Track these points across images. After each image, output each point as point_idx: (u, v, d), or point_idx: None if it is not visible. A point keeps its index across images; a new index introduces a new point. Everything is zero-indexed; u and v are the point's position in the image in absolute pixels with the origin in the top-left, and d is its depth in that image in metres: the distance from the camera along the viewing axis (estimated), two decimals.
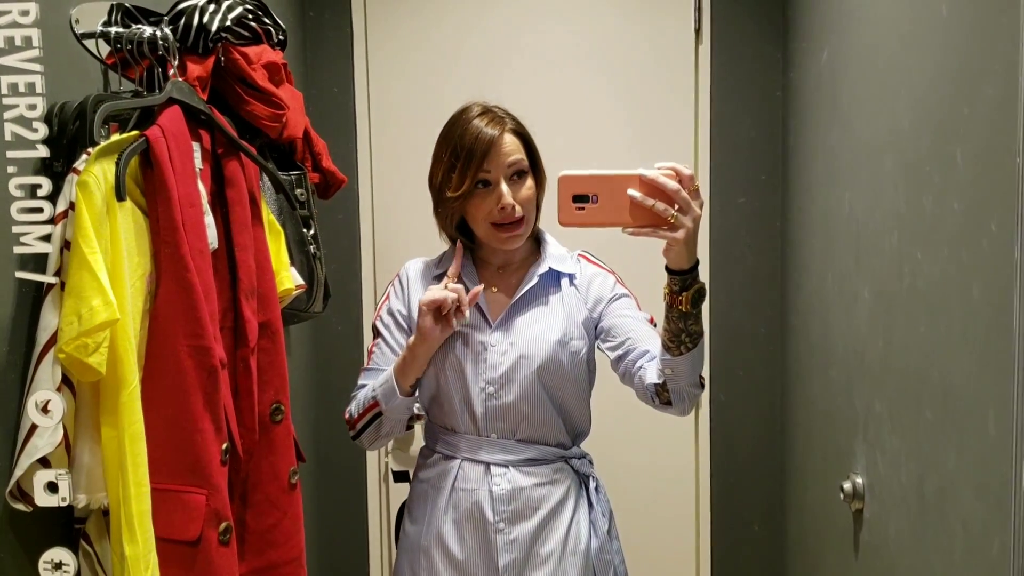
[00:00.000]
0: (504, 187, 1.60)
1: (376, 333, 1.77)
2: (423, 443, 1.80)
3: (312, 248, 1.76)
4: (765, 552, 2.38)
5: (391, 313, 1.76)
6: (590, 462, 1.78)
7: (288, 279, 1.59)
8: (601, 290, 1.71)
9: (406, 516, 1.80)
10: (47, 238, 1.10)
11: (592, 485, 1.74)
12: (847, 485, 1.67)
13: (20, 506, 1.09)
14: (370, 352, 1.77)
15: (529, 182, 1.63)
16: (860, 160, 1.69)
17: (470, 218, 1.65)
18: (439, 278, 1.73)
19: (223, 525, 1.27)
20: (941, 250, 1.28)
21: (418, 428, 1.86)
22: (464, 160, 1.59)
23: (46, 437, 1.07)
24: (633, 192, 1.32)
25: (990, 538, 1.12)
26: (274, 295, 1.50)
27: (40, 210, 1.10)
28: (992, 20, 1.11)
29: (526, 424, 1.68)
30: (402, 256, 2.39)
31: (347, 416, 1.71)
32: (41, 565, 1.09)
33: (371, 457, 2.45)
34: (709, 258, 2.35)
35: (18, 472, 1.07)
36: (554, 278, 1.72)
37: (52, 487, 1.04)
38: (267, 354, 1.48)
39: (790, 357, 2.27)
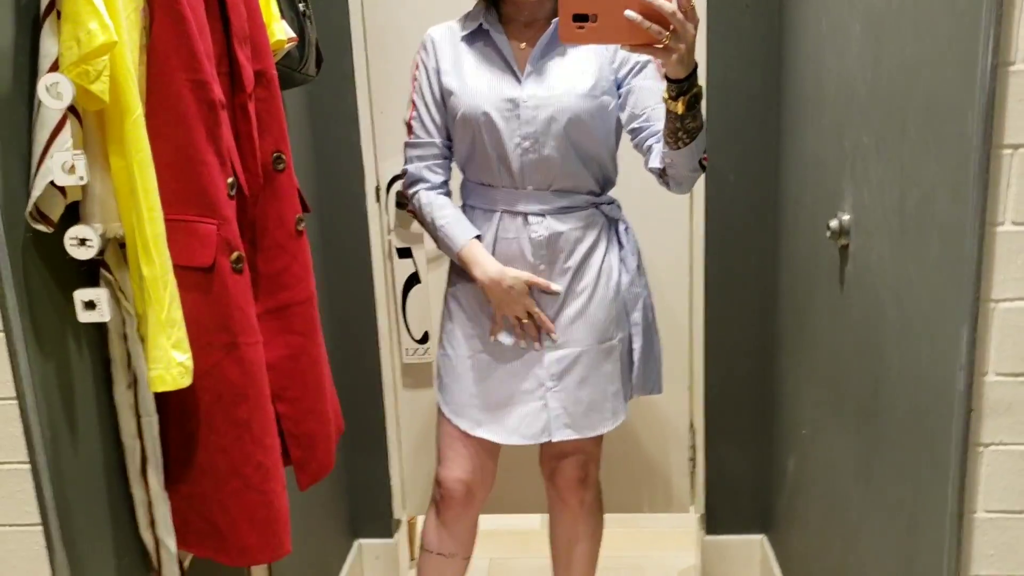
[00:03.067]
0: None
1: (412, 104, 1.89)
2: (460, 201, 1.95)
3: (301, 6, 1.75)
4: (758, 303, 2.47)
5: (423, 83, 1.83)
6: (619, 207, 1.92)
7: (280, 31, 1.60)
8: (628, 52, 1.75)
9: (452, 272, 1.92)
10: None
11: (621, 227, 1.88)
12: (833, 223, 1.73)
13: (41, 227, 1.14)
14: (409, 124, 1.87)
15: None
16: None
17: None
18: (467, 39, 1.81)
19: (235, 254, 1.33)
20: None
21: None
22: None
23: (57, 157, 1.10)
24: (630, 13, 1.37)
25: (961, 235, 1.18)
26: (266, 44, 1.51)
27: None
28: None
29: (560, 175, 1.80)
30: (394, 32, 2.41)
31: (407, 195, 1.93)
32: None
33: (374, 233, 2.51)
34: (707, 20, 2.32)
35: (36, 192, 1.12)
36: None
37: (70, 168, 1.08)
38: (264, 103, 1.50)
39: (785, 114, 2.29)
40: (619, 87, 1.82)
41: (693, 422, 2.60)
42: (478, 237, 1.84)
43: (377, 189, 2.51)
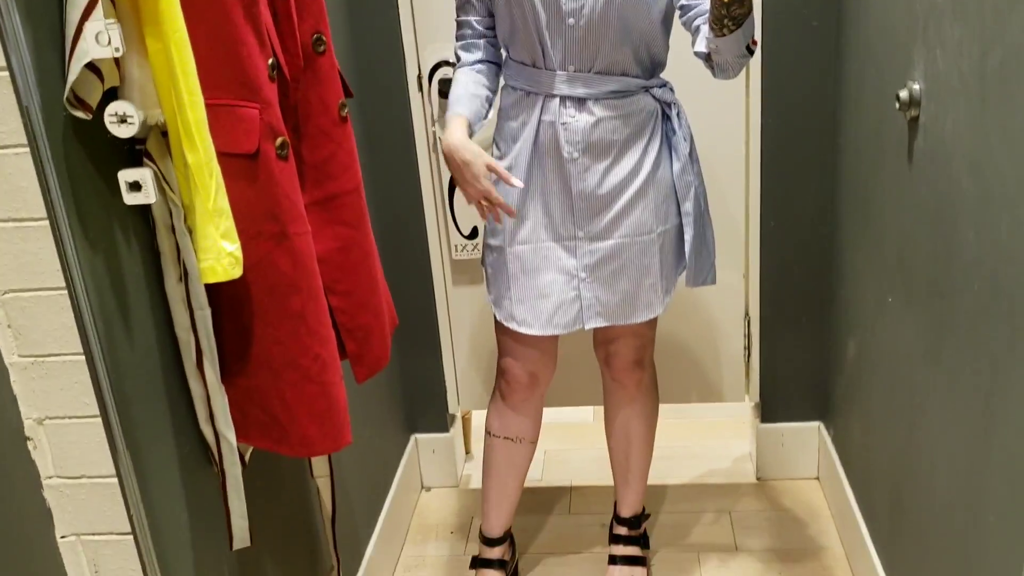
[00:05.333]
0: None
1: None
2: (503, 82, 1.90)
3: None
4: (818, 184, 2.38)
5: None
6: (671, 89, 1.84)
7: None
8: None
9: (493, 149, 1.88)
10: None
11: (673, 111, 1.81)
12: (903, 93, 1.63)
13: (80, 113, 1.10)
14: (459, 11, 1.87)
15: None
16: None
17: None
18: None
19: (279, 140, 1.28)
20: None
21: None
22: None
23: (91, 27, 1.05)
24: None
25: None
26: None
27: None
28: None
29: (605, 55, 1.73)
30: None
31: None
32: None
33: (418, 126, 2.45)
34: None
35: (72, 77, 1.07)
36: None
37: (105, 40, 1.04)
38: None
39: None
40: None
41: (748, 310, 2.55)
42: (466, 118, 1.79)
43: (419, 78, 2.43)
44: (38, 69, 1.05)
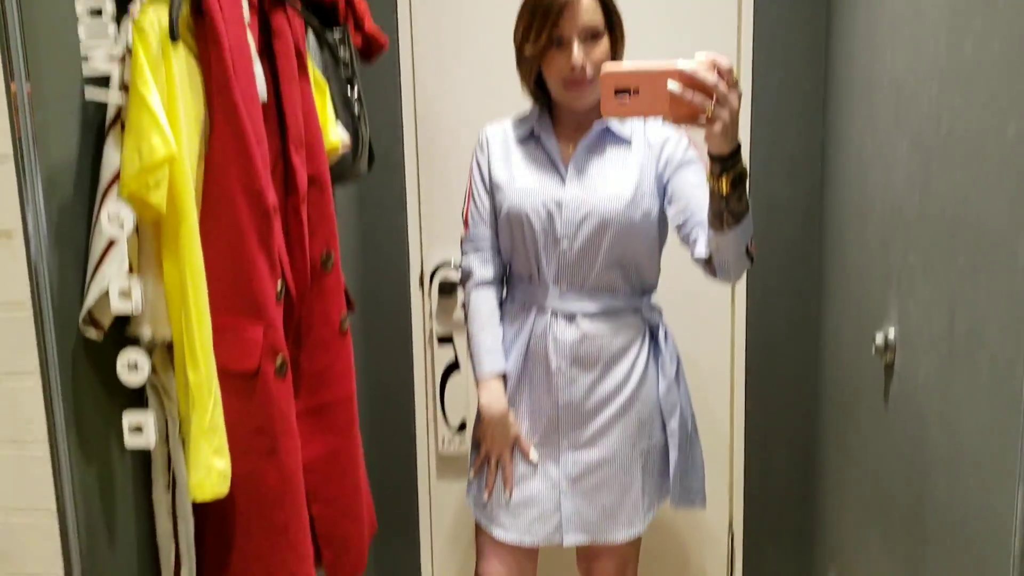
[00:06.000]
0: (576, 47, 1.69)
1: (467, 199, 1.94)
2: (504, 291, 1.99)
3: (356, 107, 1.80)
4: (799, 410, 2.44)
5: (476, 179, 1.92)
6: (659, 312, 1.90)
7: (334, 135, 1.63)
8: (673, 152, 1.79)
9: None
10: (111, 58, 1.15)
11: (661, 332, 1.87)
12: (879, 338, 1.71)
13: (92, 333, 1.17)
14: (466, 217, 1.91)
15: (604, 44, 1.71)
16: (902, 16, 1.68)
17: (545, 75, 1.76)
18: (519, 140, 1.86)
19: (279, 359, 1.34)
20: (980, 95, 1.29)
21: None
22: (540, 19, 1.69)
23: (115, 265, 1.13)
24: (672, 85, 1.34)
25: (1013, 369, 1.16)
26: (321, 148, 1.55)
27: (104, 28, 1.15)
28: None
29: (596, 277, 1.81)
30: (444, 124, 2.46)
31: (462, 285, 1.96)
32: (119, 365, 1.18)
33: (416, 321, 2.53)
34: (750, 132, 2.34)
35: (90, 300, 1.14)
36: (626, 138, 1.82)
37: (125, 295, 1.11)
38: (316, 205, 1.53)
39: (827, 223, 2.28)
40: (665, 185, 1.83)
41: (732, 526, 2.55)
42: (504, 375, 1.87)
43: (421, 276, 2.53)
44: (58, 290, 1.12)
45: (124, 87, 1.17)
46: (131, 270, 1.18)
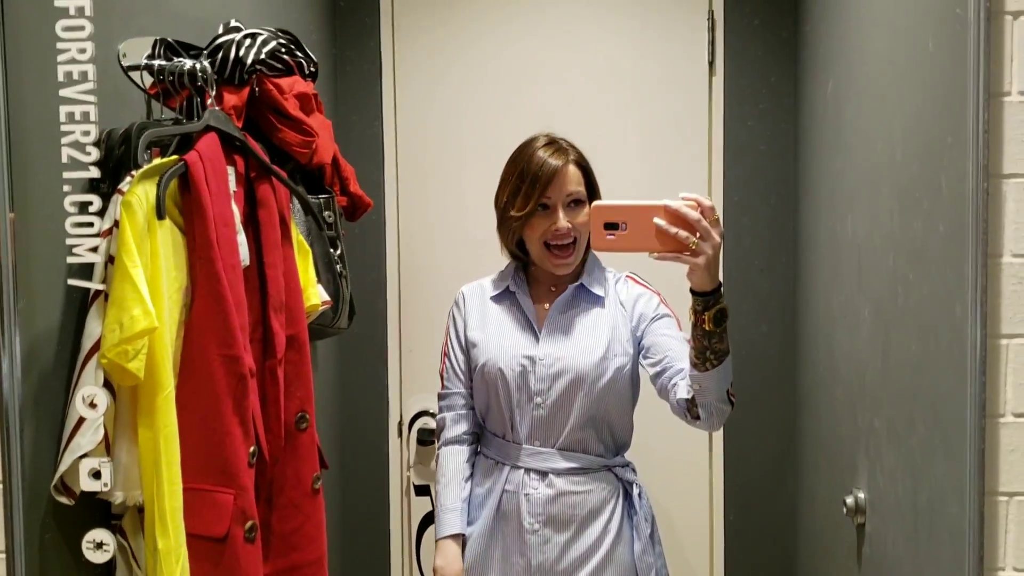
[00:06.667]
0: (561, 212, 1.78)
1: (443, 356, 1.97)
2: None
3: (338, 267, 1.86)
4: (776, 570, 2.42)
5: (452, 338, 1.96)
6: (633, 470, 1.92)
7: (315, 295, 1.68)
8: (645, 309, 1.85)
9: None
10: (95, 250, 1.20)
11: (635, 492, 1.86)
12: (850, 500, 1.72)
13: (64, 499, 1.18)
14: (441, 375, 1.95)
15: (585, 210, 1.81)
16: (861, 185, 1.76)
17: (527, 237, 1.83)
18: (495, 298, 1.89)
19: (249, 524, 1.35)
20: (930, 270, 1.35)
21: None
22: (529, 185, 1.78)
23: (89, 435, 1.16)
24: (658, 221, 1.43)
25: (973, 544, 1.18)
26: (301, 310, 1.59)
27: (90, 224, 1.21)
28: (972, 53, 1.18)
29: (570, 435, 1.83)
30: (426, 275, 2.53)
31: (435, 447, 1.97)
32: (84, 545, 1.18)
33: (393, 470, 2.53)
34: (724, 281, 2.41)
35: (62, 467, 1.16)
36: (600, 296, 1.87)
37: (96, 475, 1.13)
38: (294, 366, 1.57)
39: (800, 378, 2.32)
40: (640, 340, 1.87)
41: None
42: (462, 536, 1.87)
43: (400, 424, 2.55)
44: (31, 458, 1.13)
45: (110, 259, 1.22)
46: (106, 435, 1.20)
